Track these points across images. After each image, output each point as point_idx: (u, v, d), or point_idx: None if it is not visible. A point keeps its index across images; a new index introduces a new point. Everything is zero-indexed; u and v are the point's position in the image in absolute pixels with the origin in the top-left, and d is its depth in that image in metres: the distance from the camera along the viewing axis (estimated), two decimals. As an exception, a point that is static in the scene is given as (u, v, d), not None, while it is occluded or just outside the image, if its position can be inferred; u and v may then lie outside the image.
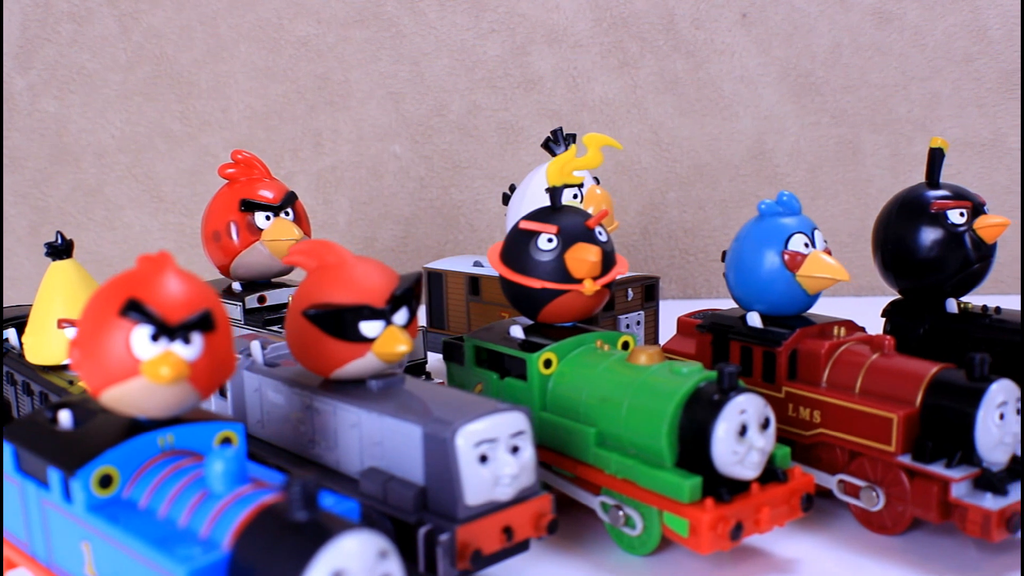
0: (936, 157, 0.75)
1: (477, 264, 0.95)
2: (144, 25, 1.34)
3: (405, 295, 0.56)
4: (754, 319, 0.67)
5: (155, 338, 0.44)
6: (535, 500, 0.52)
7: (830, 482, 0.62)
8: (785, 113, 1.37)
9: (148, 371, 0.44)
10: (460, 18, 1.35)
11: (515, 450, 0.51)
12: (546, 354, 0.63)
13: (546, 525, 0.52)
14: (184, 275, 0.46)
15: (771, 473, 0.56)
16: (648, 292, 0.88)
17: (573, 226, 0.65)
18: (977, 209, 0.73)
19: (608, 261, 0.65)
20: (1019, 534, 0.57)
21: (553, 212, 0.67)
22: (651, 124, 1.37)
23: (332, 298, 0.54)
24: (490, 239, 1.37)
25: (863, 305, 0.78)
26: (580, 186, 0.89)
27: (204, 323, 0.45)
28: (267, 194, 0.86)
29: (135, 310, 0.44)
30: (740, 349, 0.67)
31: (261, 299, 0.84)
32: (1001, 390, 0.56)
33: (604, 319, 0.85)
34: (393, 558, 0.38)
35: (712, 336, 0.69)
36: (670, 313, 0.86)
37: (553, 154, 0.92)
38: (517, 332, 0.66)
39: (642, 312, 0.88)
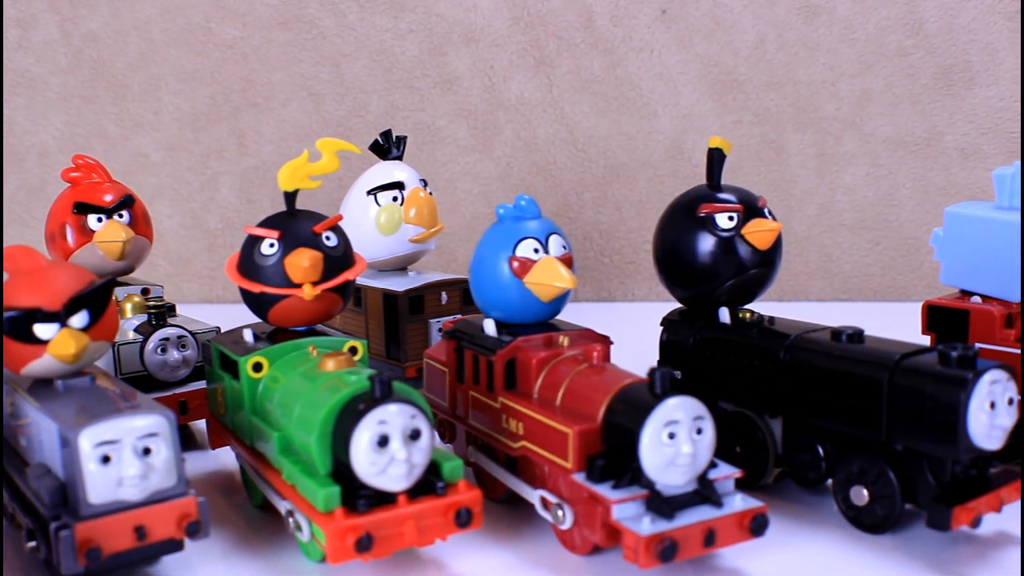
0: (715, 157, 0.72)
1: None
2: (83, 30, 1.40)
3: (85, 299, 0.57)
4: (489, 326, 0.66)
5: None
6: (177, 501, 0.53)
7: (533, 497, 0.61)
8: (705, 112, 1.33)
9: None
10: (379, 19, 1.36)
11: (147, 452, 0.52)
12: (255, 358, 0.63)
13: (185, 527, 0.53)
14: None
15: (428, 485, 0.55)
16: (466, 295, 0.88)
17: (297, 231, 0.65)
18: (752, 212, 0.69)
19: (334, 266, 0.65)
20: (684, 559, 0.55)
21: (288, 217, 0.67)
22: (567, 123, 1.35)
23: (13, 301, 0.57)
24: (405, 239, 1.38)
25: (784, 310, 0.75)
26: (402, 188, 0.89)
27: None
28: (100, 197, 0.89)
29: None
30: (473, 357, 0.66)
31: (87, 297, 0.88)
32: (677, 407, 0.53)
33: (413, 322, 0.85)
34: None
35: (455, 343, 0.68)
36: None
37: (383, 157, 0.92)
38: (248, 336, 0.67)
39: (459, 316, 0.87)
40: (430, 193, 0.90)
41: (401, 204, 0.88)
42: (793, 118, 1.32)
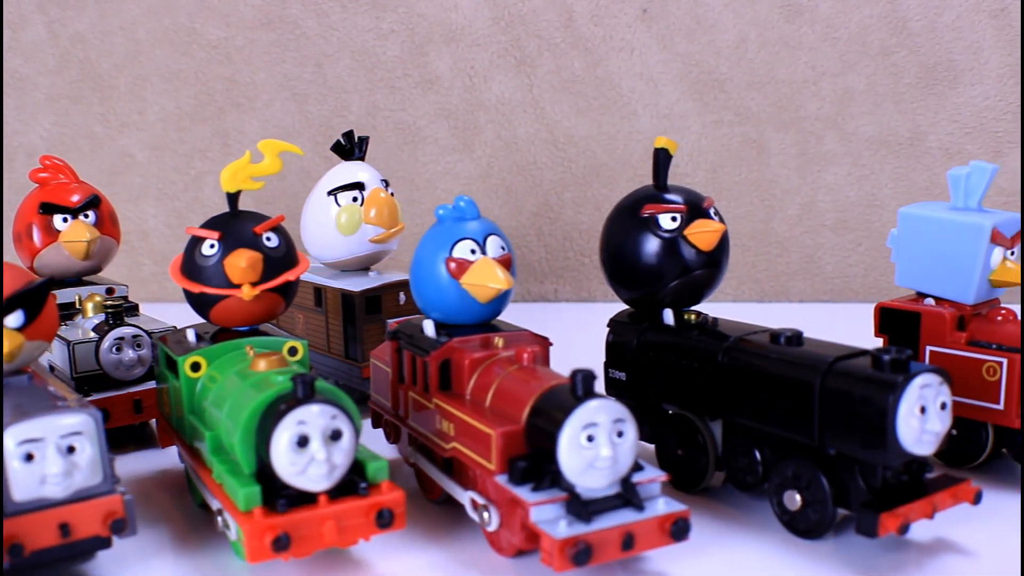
0: (660, 158, 0.71)
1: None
2: (71, 31, 1.42)
3: (20, 299, 0.58)
4: (428, 327, 0.66)
5: None
6: (102, 499, 0.54)
7: (464, 499, 0.60)
8: (686, 111, 1.32)
9: None
10: (362, 19, 1.37)
11: (71, 450, 0.53)
12: (193, 357, 0.64)
13: (110, 524, 0.54)
14: None
15: (352, 486, 0.55)
16: (426, 296, 0.88)
17: (237, 232, 0.65)
18: (696, 213, 0.69)
19: (274, 266, 0.66)
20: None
21: (231, 218, 0.67)
22: (548, 123, 1.35)
23: (-51, 300, 0.57)
24: (386, 238, 1.39)
25: (765, 311, 0.74)
26: (362, 189, 0.89)
27: None
28: (65, 197, 0.90)
29: None
30: (411, 358, 0.66)
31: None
32: (597, 410, 0.53)
33: (371, 322, 0.85)
34: None
35: (397, 344, 0.68)
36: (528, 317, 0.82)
37: (345, 158, 0.92)
38: (191, 336, 0.67)
39: (417, 316, 0.87)
40: (391, 194, 0.90)
41: (361, 204, 0.88)
42: (774, 117, 1.31)
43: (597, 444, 0.53)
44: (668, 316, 0.69)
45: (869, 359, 0.57)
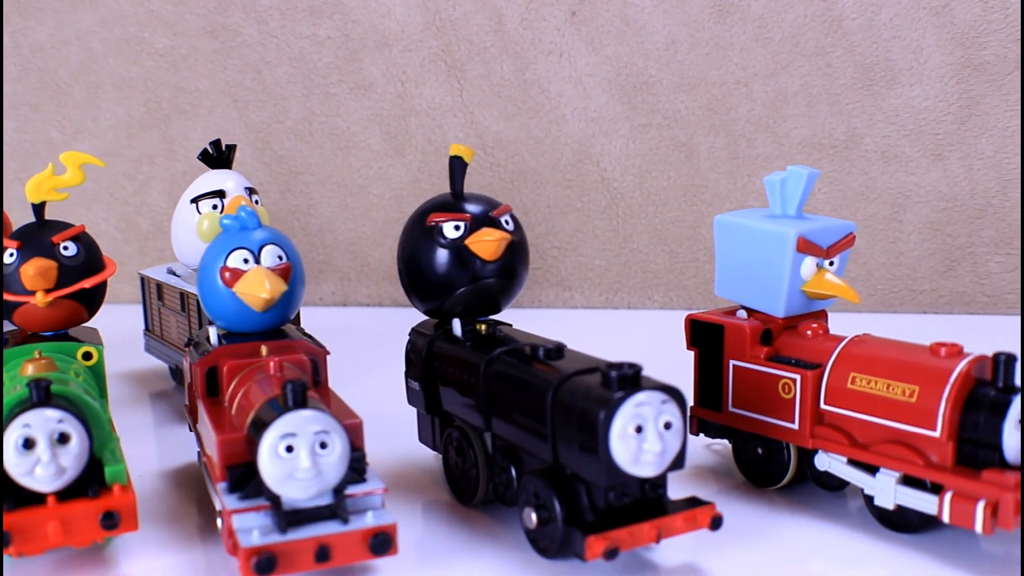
0: (455, 166, 0.70)
1: (170, 272, 0.99)
2: (31, 40, 1.48)
3: None
4: (212, 334, 0.67)
5: None
6: None
7: (217, 505, 0.61)
8: (615, 115, 1.30)
9: None
10: (300, 26, 1.39)
11: None
12: (-17, 362, 0.66)
13: None
14: None
15: (83, 488, 0.56)
16: (281, 302, 0.89)
17: (35, 242, 0.68)
18: (482, 222, 0.68)
19: (70, 275, 0.68)
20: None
21: (36, 228, 0.70)
22: (477, 128, 1.34)
23: None
24: (320, 243, 1.41)
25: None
26: (223, 196, 0.91)
27: None
28: (-47, 204, 0.95)
29: None
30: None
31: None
32: (297, 422, 0.53)
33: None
34: None
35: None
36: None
37: (211, 166, 0.94)
38: (-5, 340, 0.70)
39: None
40: (256, 202, 0.92)
41: (221, 212, 0.90)
42: (704, 120, 1.27)
43: (296, 455, 0.53)
44: (456, 326, 0.69)
45: (599, 375, 0.56)
